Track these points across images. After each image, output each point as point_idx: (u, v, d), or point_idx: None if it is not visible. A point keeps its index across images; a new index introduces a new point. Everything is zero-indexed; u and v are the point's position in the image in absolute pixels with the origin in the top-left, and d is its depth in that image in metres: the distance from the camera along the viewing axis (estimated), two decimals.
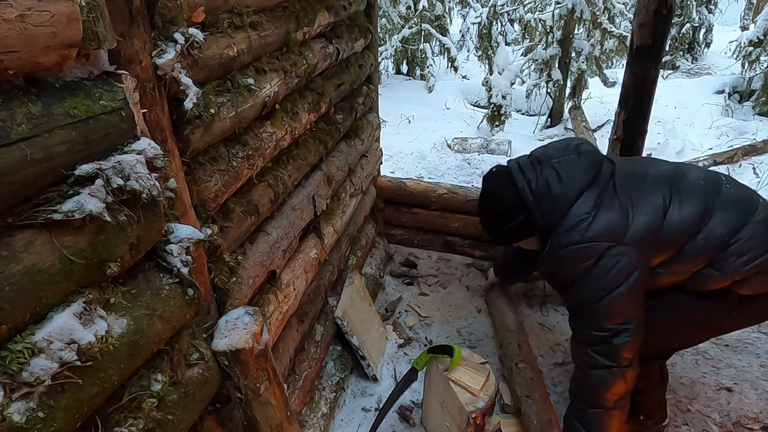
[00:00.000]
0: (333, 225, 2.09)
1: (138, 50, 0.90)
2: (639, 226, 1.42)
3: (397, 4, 7.64)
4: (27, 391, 0.66)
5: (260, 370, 1.16)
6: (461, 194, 2.75)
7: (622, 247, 1.40)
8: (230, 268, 1.31)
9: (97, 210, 0.74)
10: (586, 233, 1.41)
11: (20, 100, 0.66)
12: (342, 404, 2.07)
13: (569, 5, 5.33)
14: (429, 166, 4.81)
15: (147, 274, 0.94)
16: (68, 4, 0.68)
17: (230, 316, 1.19)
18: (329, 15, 1.87)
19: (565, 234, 1.44)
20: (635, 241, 1.41)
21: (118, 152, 0.81)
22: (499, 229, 1.67)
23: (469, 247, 2.90)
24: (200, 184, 1.17)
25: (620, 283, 1.40)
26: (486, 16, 6.46)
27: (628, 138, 2.22)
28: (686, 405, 2.03)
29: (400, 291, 2.78)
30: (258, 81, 1.39)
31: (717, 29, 9.19)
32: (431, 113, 6.33)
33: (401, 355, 2.33)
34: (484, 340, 2.43)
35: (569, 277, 1.46)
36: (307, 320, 1.92)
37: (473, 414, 1.61)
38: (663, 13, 1.98)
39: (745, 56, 6.43)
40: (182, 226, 1.01)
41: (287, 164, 1.67)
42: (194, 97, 1.05)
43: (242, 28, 1.30)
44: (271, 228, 1.58)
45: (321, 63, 1.84)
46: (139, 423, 0.88)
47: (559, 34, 5.63)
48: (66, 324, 0.71)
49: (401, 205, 2.93)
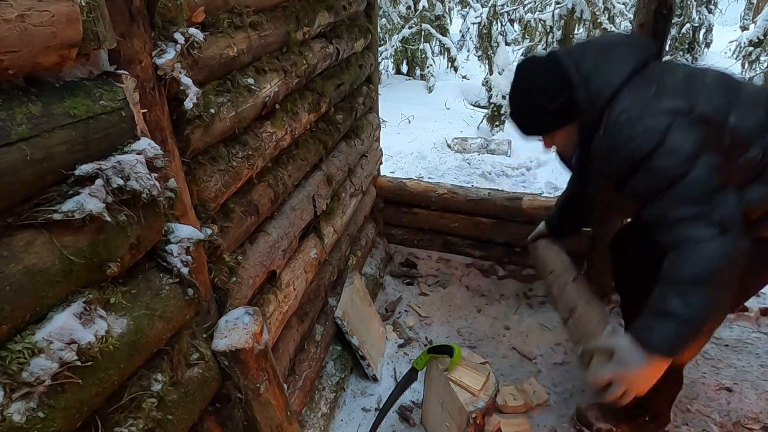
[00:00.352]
0: (333, 225, 2.09)
1: (138, 50, 0.90)
2: (705, 111, 1.26)
3: (397, 4, 7.64)
4: (27, 391, 0.66)
5: (260, 370, 1.16)
6: (461, 194, 2.75)
7: (694, 119, 1.24)
8: (230, 268, 1.31)
9: (97, 210, 0.74)
10: (652, 103, 1.26)
11: (20, 100, 0.66)
12: (342, 404, 2.07)
13: (569, 5, 5.34)
14: (429, 166, 4.81)
15: (147, 274, 0.94)
16: (68, 4, 0.68)
17: (230, 316, 1.19)
18: (329, 15, 1.87)
19: (627, 104, 1.28)
20: (705, 119, 1.25)
21: (118, 152, 0.81)
22: (536, 115, 1.47)
23: (469, 247, 2.90)
24: (200, 184, 1.17)
25: (700, 152, 1.22)
26: (486, 16, 6.47)
27: None
28: (686, 405, 2.03)
29: (400, 291, 2.78)
30: (258, 81, 1.39)
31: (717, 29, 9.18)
32: (431, 113, 6.32)
33: (401, 355, 2.33)
34: (484, 340, 2.43)
35: (639, 151, 1.25)
36: (307, 320, 1.92)
37: (473, 414, 1.61)
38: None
39: (745, 56, 6.43)
40: (182, 226, 1.01)
41: (287, 164, 1.67)
42: (194, 97, 1.05)
43: (242, 28, 1.30)
44: (271, 228, 1.58)
45: (321, 63, 1.84)
46: (139, 423, 0.88)
47: (559, 34, 5.63)
48: (66, 324, 0.71)
49: (401, 205, 2.92)
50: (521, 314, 2.59)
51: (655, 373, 1.32)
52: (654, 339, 1.30)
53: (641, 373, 1.32)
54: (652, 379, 1.33)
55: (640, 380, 1.33)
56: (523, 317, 2.57)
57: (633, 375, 1.33)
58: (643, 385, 1.33)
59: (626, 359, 1.33)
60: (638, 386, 1.34)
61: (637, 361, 1.31)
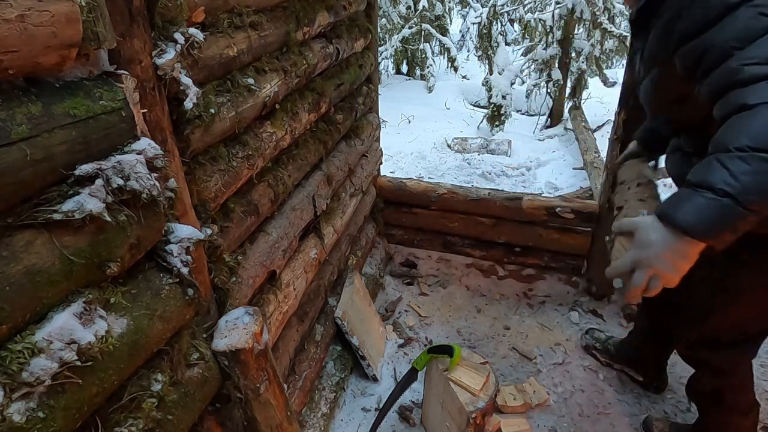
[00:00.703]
0: (333, 225, 2.09)
1: (138, 50, 0.90)
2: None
3: (397, 4, 7.64)
4: (27, 391, 0.66)
5: (260, 370, 1.16)
6: (461, 194, 2.75)
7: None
8: (230, 268, 1.31)
9: (97, 210, 0.74)
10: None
11: (20, 100, 0.66)
12: (342, 404, 2.07)
13: (569, 5, 5.33)
14: (429, 166, 4.81)
15: (147, 274, 0.94)
16: (68, 4, 0.68)
17: (230, 316, 1.19)
18: (329, 15, 1.87)
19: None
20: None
21: (118, 152, 0.81)
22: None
23: (469, 247, 2.90)
24: (200, 184, 1.17)
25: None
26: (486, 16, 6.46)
27: (628, 138, 2.22)
28: (686, 405, 2.03)
29: (400, 291, 2.78)
30: (258, 81, 1.39)
31: None
32: (431, 113, 6.33)
33: (401, 355, 2.33)
34: (484, 340, 2.43)
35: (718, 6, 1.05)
36: (307, 320, 1.92)
37: (473, 414, 1.61)
38: None
39: None
40: (182, 226, 1.01)
41: (287, 164, 1.67)
42: (194, 97, 1.05)
43: (242, 28, 1.30)
44: (271, 228, 1.58)
45: (321, 63, 1.84)
46: (139, 423, 0.88)
47: (559, 34, 5.63)
48: (66, 324, 0.71)
49: (401, 205, 2.93)
50: (521, 314, 2.59)
51: (684, 257, 1.04)
52: (680, 212, 1.03)
53: (666, 256, 1.05)
54: (680, 264, 1.05)
55: (665, 265, 1.06)
56: (523, 317, 2.57)
57: (658, 257, 1.06)
58: (669, 272, 1.06)
59: (647, 239, 1.08)
60: (664, 273, 1.07)
61: (658, 239, 1.06)
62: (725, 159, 0.98)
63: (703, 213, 1.00)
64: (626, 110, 2.19)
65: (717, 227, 0.99)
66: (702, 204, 0.99)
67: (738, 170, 0.95)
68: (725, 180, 0.96)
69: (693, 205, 1.01)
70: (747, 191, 0.95)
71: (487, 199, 2.69)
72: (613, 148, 2.31)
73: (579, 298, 2.66)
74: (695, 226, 1.01)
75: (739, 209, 0.96)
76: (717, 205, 0.97)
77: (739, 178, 0.95)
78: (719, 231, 1.00)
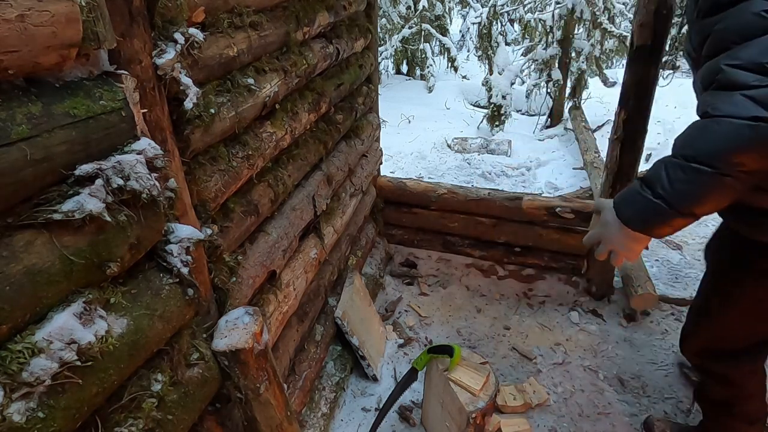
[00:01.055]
0: (333, 225, 2.09)
1: (138, 50, 0.90)
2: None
3: (397, 4, 7.64)
4: (27, 391, 0.66)
5: (260, 370, 1.16)
6: (461, 194, 2.75)
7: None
8: (230, 268, 1.31)
9: (97, 210, 0.74)
10: None
11: (20, 100, 0.66)
12: (342, 404, 2.07)
13: (569, 5, 5.33)
14: (429, 166, 4.81)
15: (147, 274, 0.94)
16: (68, 4, 0.68)
17: (230, 316, 1.19)
18: (329, 15, 1.87)
19: None
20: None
21: (118, 152, 0.81)
22: None
23: (469, 247, 2.90)
24: (200, 184, 1.17)
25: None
26: (486, 16, 6.46)
27: (628, 138, 2.22)
28: (686, 405, 2.03)
29: (400, 291, 2.78)
30: (258, 81, 1.39)
31: None
32: (431, 113, 6.32)
33: (401, 355, 2.33)
34: (484, 340, 2.43)
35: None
36: (307, 320, 1.92)
37: (473, 414, 1.61)
38: (663, 13, 1.98)
39: None
40: (182, 226, 1.01)
41: (287, 164, 1.67)
42: (194, 97, 1.05)
43: (242, 28, 1.30)
44: (271, 228, 1.58)
45: (321, 63, 1.84)
46: (139, 423, 0.88)
47: (559, 34, 5.63)
48: (66, 324, 0.71)
49: (401, 205, 2.93)
50: (521, 314, 2.59)
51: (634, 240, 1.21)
52: (623, 205, 1.20)
53: (618, 238, 1.23)
54: (632, 246, 1.22)
55: (619, 244, 1.23)
56: (523, 317, 2.57)
57: (613, 237, 1.24)
58: (623, 250, 1.24)
59: (606, 220, 1.25)
60: (619, 250, 1.24)
61: (613, 224, 1.22)
62: (669, 164, 1.10)
63: (639, 210, 1.16)
64: (626, 110, 2.19)
65: (649, 223, 1.15)
66: (640, 202, 1.14)
67: (675, 177, 1.07)
68: (662, 185, 1.09)
69: (634, 202, 1.17)
70: (678, 197, 1.08)
71: (487, 199, 2.69)
72: (612, 148, 2.31)
73: (579, 298, 2.66)
74: (631, 220, 1.18)
75: (670, 211, 1.09)
76: (652, 206, 1.12)
77: (674, 185, 1.08)
78: (651, 226, 1.16)
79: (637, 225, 1.17)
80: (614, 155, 2.30)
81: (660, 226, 1.14)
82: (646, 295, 2.40)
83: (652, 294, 2.41)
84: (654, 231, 1.16)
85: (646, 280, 2.49)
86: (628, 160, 2.27)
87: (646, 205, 1.13)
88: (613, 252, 1.26)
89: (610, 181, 2.34)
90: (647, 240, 1.22)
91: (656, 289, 2.47)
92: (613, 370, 2.22)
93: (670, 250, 3.12)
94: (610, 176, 2.34)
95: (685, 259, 3.00)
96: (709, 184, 1.03)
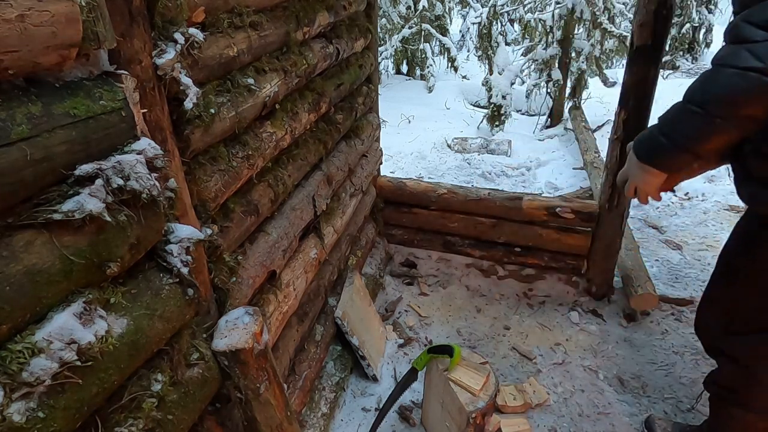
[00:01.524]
0: (333, 225, 2.09)
1: (138, 50, 0.90)
2: None
3: (397, 4, 7.64)
4: (27, 391, 0.66)
5: (260, 370, 1.16)
6: (461, 194, 2.75)
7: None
8: (230, 268, 1.31)
9: (97, 210, 0.74)
10: None
11: (20, 100, 0.66)
12: (342, 404, 2.07)
13: (569, 5, 5.33)
14: (429, 166, 4.81)
15: (147, 274, 0.94)
16: (68, 4, 0.68)
17: (230, 316, 1.19)
18: (329, 15, 1.87)
19: None
20: None
21: (118, 152, 0.81)
22: None
23: (469, 247, 2.90)
24: (200, 184, 1.17)
25: None
26: (486, 16, 6.46)
27: (628, 138, 2.22)
28: (686, 405, 2.03)
29: (400, 291, 2.78)
30: (258, 81, 1.39)
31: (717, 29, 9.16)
32: (431, 113, 6.32)
33: (401, 355, 2.33)
34: (484, 340, 2.43)
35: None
36: (307, 320, 1.92)
37: (473, 414, 1.61)
38: (663, 13, 1.98)
39: None
40: (182, 226, 1.01)
41: (287, 164, 1.67)
42: (194, 97, 1.05)
43: (242, 28, 1.30)
44: (271, 228, 1.58)
45: (321, 63, 1.84)
46: (139, 423, 0.88)
47: (559, 34, 5.63)
48: (66, 324, 0.71)
49: (401, 205, 2.93)
50: (521, 314, 2.59)
51: (648, 178, 1.38)
52: (638, 146, 1.38)
53: (637, 173, 1.40)
54: (648, 179, 1.38)
55: (638, 178, 1.41)
56: (523, 317, 2.57)
57: (633, 173, 1.42)
58: (641, 185, 1.41)
59: (629, 158, 1.44)
60: (640, 186, 1.42)
61: (632, 161, 1.41)
62: (674, 107, 1.26)
63: (648, 146, 1.34)
64: (626, 110, 2.19)
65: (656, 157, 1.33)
66: (649, 138, 1.33)
67: (677, 118, 1.25)
68: (667, 124, 1.28)
69: (645, 139, 1.35)
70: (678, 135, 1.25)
71: (487, 199, 2.69)
72: (612, 148, 2.31)
73: (579, 298, 2.66)
74: (642, 154, 1.36)
75: (671, 146, 1.26)
76: (657, 142, 1.30)
77: (675, 124, 1.26)
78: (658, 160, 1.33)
79: (647, 159, 1.35)
80: (614, 155, 2.30)
81: (665, 160, 1.31)
82: (646, 295, 2.40)
83: (652, 294, 2.41)
84: (662, 164, 1.33)
85: (646, 280, 2.49)
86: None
87: (653, 141, 1.31)
88: (637, 189, 1.44)
89: (610, 181, 2.34)
90: (661, 176, 1.37)
91: (656, 289, 2.47)
92: (613, 370, 2.22)
93: (670, 250, 3.12)
94: (610, 176, 2.34)
95: (685, 259, 3.00)
96: (701, 124, 1.18)
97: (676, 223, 3.43)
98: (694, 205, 3.62)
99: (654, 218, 3.50)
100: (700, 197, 3.71)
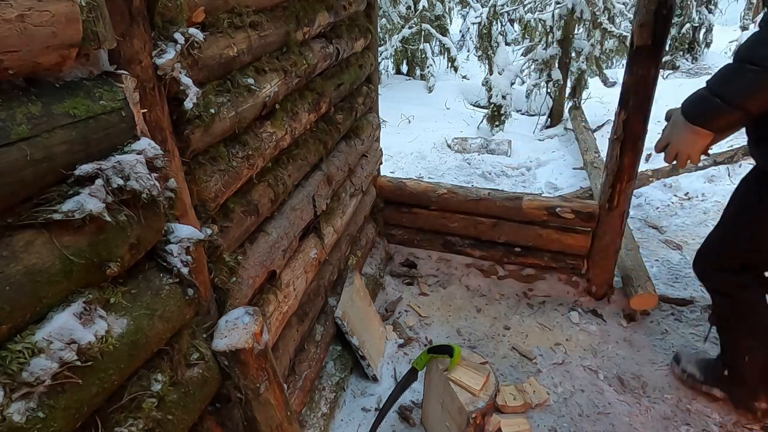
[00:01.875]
0: (333, 225, 2.09)
1: (138, 50, 0.90)
2: None
3: (397, 4, 7.64)
4: (27, 391, 0.66)
5: (260, 370, 1.16)
6: (461, 194, 2.75)
7: None
8: (230, 268, 1.31)
9: (97, 210, 0.74)
10: None
11: (20, 100, 0.66)
12: (342, 404, 2.07)
13: (569, 5, 5.33)
14: (429, 166, 4.81)
15: (147, 274, 0.94)
16: (68, 4, 0.68)
17: (230, 316, 1.19)
18: (329, 15, 1.87)
19: None
20: None
21: (118, 152, 0.81)
22: None
23: (469, 247, 2.90)
24: (200, 184, 1.17)
25: None
26: (486, 16, 6.46)
27: (628, 138, 2.22)
28: (686, 405, 2.03)
29: (400, 291, 2.78)
30: (258, 81, 1.39)
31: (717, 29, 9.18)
32: (431, 113, 6.32)
33: (401, 355, 2.33)
34: (484, 340, 2.43)
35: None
36: (307, 320, 1.92)
37: (473, 414, 1.61)
38: (663, 13, 1.98)
39: None
40: (182, 226, 1.01)
41: (287, 164, 1.67)
42: (194, 97, 1.05)
43: (242, 28, 1.30)
44: (271, 228, 1.58)
45: (321, 63, 1.84)
46: (139, 423, 0.88)
47: (559, 34, 5.63)
48: (66, 324, 0.71)
49: (401, 205, 2.93)
50: (521, 314, 2.59)
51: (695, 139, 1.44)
52: (687, 107, 1.44)
53: (683, 135, 1.47)
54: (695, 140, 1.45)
55: (683, 141, 1.47)
56: (523, 317, 2.57)
57: (677, 137, 1.49)
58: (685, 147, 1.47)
59: (674, 121, 1.50)
60: (683, 149, 1.48)
61: (679, 122, 1.47)
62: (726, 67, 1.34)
63: (699, 106, 1.41)
64: (626, 110, 2.18)
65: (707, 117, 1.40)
66: (700, 98, 1.40)
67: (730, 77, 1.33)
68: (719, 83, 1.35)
69: (696, 100, 1.41)
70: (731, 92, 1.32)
71: (487, 199, 2.69)
72: (612, 148, 2.31)
73: (579, 298, 2.66)
74: (693, 115, 1.43)
75: (723, 105, 1.33)
76: (710, 101, 1.36)
77: (729, 83, 1.33)
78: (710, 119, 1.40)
79: (700, 120, 1.41)
80: (614, 155, 2.30)
81: (716, 119, 1.38)
82: (646, 295, 2.40)
83: (652, 294, 2.41)
84: (712, 125, 1.40)
85: (646, 280, 2.49)
86: (628, 160, 2.27)
87: (705, 101, 1.37)
88: (678, 154, 1.50)
89: (610, 181, 2.34)
90: (707, 137, 1.43)
91: (656, 289, 2.47)
92: (613, 370, 2.22)
93: (670, 250, 3.12)
94: (610, 176, 2.34)
95: (685, 259, 3.00)
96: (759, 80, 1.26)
97: (676, 223, 3.43)
98: (694, 205, 3.62)
99: (654, 218, 3.50)
100: (700, 197, 3.71)
